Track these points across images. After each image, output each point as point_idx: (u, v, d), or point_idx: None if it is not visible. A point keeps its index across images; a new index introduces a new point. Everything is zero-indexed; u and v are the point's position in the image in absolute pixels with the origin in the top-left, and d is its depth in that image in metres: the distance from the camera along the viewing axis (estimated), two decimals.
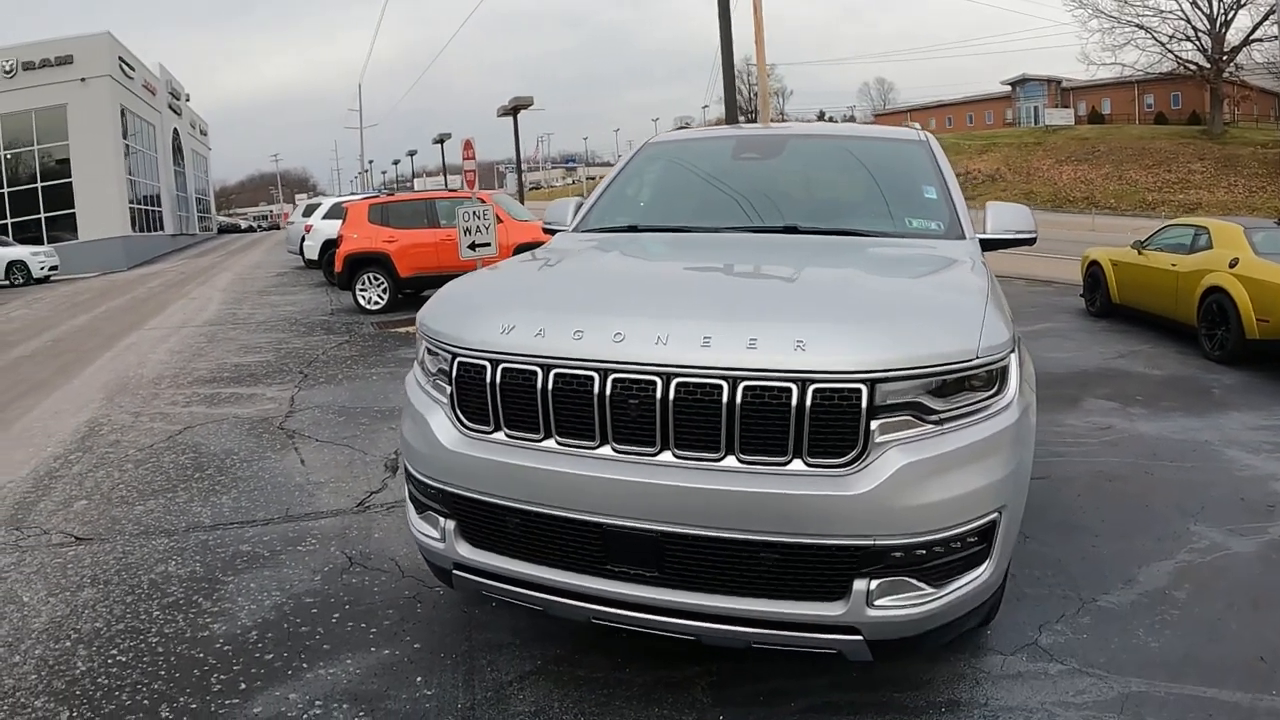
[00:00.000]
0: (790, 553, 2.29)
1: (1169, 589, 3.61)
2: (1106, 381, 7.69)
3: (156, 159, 41.95)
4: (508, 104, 29.20)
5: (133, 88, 37.17)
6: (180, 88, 49.63)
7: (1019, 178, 46.66)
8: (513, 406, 2.51)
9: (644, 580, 2.41)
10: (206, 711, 2.86)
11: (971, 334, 2.41)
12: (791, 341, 2.29)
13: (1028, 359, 3.01)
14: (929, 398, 2.36)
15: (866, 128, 5.37)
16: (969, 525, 2.37)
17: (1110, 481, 4.96)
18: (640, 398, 2.34)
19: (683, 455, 2.34)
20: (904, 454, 2.29)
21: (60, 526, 4.68)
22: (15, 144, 32.45)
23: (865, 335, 2.35)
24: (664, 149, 4.65)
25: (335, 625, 3.38)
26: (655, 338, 2.34)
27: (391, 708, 2.80)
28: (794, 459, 2.29)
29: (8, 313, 16.67)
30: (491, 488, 2.53)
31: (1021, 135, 54.45)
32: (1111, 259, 11.37)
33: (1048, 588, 3.62)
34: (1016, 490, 2.55)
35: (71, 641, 3.39)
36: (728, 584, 2.36)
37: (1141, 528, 4.27)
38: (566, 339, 2.42)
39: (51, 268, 25.41)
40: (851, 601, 2.30)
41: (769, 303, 2.66)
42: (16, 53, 31.90)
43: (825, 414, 2.27)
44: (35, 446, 6.39)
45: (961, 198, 3.85)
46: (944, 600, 2.37)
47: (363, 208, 16.20)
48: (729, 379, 2.28)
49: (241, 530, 4.46)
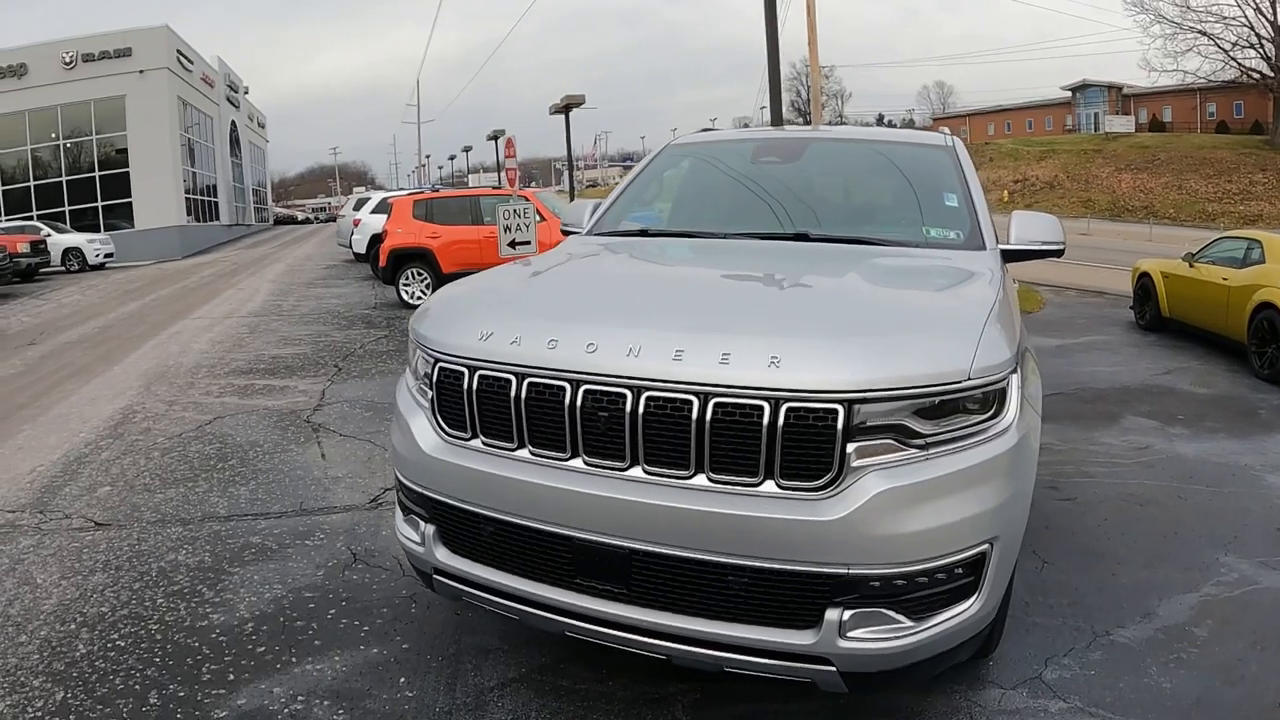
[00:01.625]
0: (759, 578, 2.20)
1: (1189, 625, 3.41)
2: (1149, 398, 7.44)
3: (213, 150, 42.94)
4: (560, 102, 29.34)
5: (190, 80, 38.10)
6: (239, 81, 50.72)
7: (1077, 185, 45.71)
8: (488, 414, 2.48)
9: (612, 597, 2.35)
10: (192, 700, 2.90)
11: (964, 353, 2.27)
12: (766, 357, 2.19)
13: (1034, 376, 2.87)
14: (915, 420, 2.23)
15: (892, 131, 5.25)
16: (955, 557, 2.24)
17: (1141, 506, 4.73)
18: (610, 410, 2.28)
19: (652, 471, 2.27)
20: (883, 479, 2.17)
21: (82, 511, 4.79)
22: (74, 134, 33.51)
23: (845, 352, 2.25)
24: (685, 151, 4.60)
25: (330, 621, 3.41)
26: (628, 349, 2.28)
27: (371, 707, 2.81)
28: (766, 480, 2.20)
29: (60, 299, 17.17)
30: (468, 495, 2.51)
31: (1081, 142, 53.32)
32: (1162, 271, 11.04)
33: (1060, 618, 3.44)
34: (1012, 520, 2.41)
35: (76, 624, 3.47)
36: (695, 606, 2.28)
37: (1167, 557, 4.06)
38: (541, 347, 2.38)
39: (107, 255, 26.12)
40: (823, 632, 2.19)
41: (749, 315, 2.56)
42: (76, 45, 32.93)
43: (798, 435, 2.17)
44: (69, 432, 6.56)
45: (985, 206, 3.70)
46: (924, 635, 2.24)
47: (407, 203, 16.40)
48: (699, 394, 2.20)
49: (254, 522, 4.52)
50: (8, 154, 33.09)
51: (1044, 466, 5.44)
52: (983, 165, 53.60)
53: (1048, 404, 6.94)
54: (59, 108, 32.84)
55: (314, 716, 2.77)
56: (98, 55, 32.92)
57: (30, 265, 20.64)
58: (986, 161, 53.99)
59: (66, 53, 32.68)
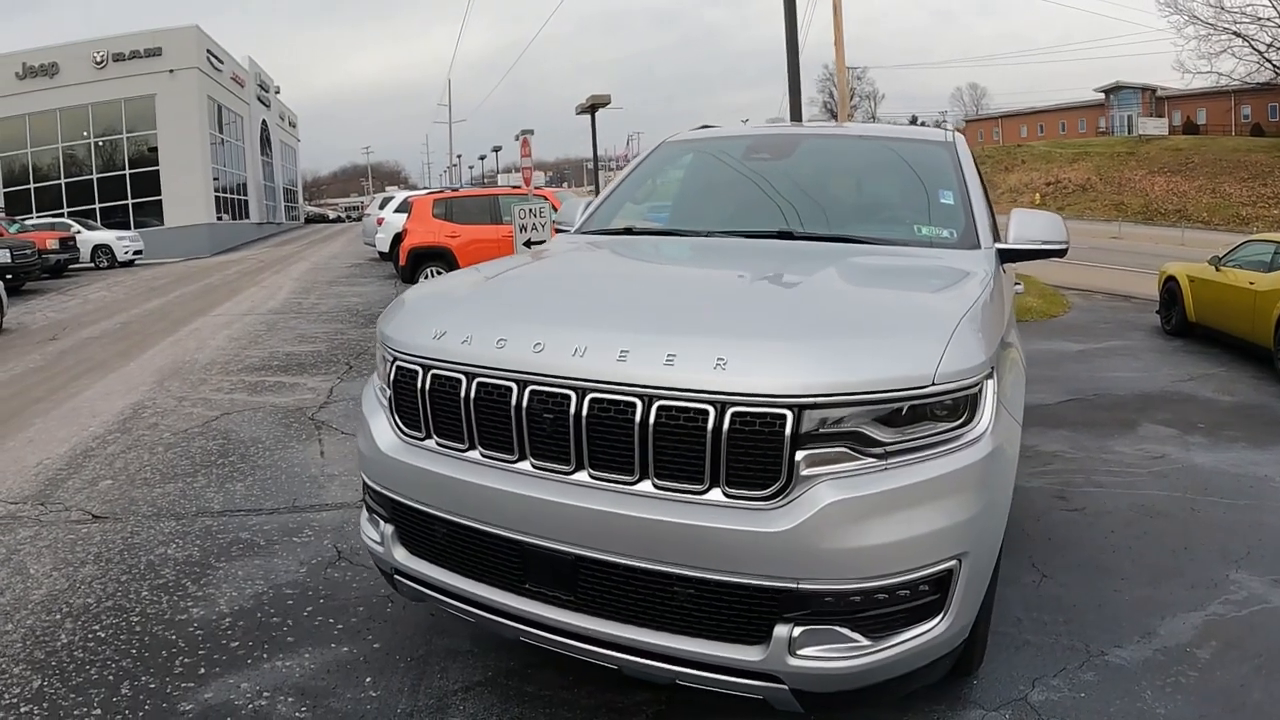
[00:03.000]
0: (706, 590, 2.11)
1: (1191, 646, 3.22)
2: (1169, 406, 7.22)
3: (244, 149, 43.48)
4: (585, 102, 29.34)
5: (220, 79, 38.66)
6: (270, 80, 51.32)
7: (1110, 188, 45.08)
8: (441, 414, 2.45)
9: (560, 603, 2.29)
10: (162, 692, 2.91)
11: (929, 356, 2.14)
12: (712, 358, 2.10)
13: (1012, 374, 2.72)
14: (875, 427, 2.11)
15: (891, 128, 5.11)
16: (917, 574, 2.11)
17: (1150, 518, 4.54)
18: (555, 412, 2.22)
19: (597, 476, 2.20)
20: (834, 490, 2.05)
21: (81, 504, 4.84)
22: (105, 132, 34.25)
23: (796, 355, 2.13)
24: (680, 149, 4.53)
25: (305, 618, 3.41)
26: (574, 349, 2.21)
27: (334, 705, 2.80)
28: (712, 488, 2.11)
29: (87, 294, 17.46)
30: (422, 495, 2.48)
31: (1114, 144, 52.57)
32: (1189, 275, 10.82)
33: (1053, 635, 3.28)
34: (985, 535, 2.28)
35: (61, 615, 3.51)
36: (643, 616, 2.20)
37: (1175, 572, 3.86)
38: (490, 346, 2.33)
39: (136, 252, 26.54)
40: (772, 648, 2.09)
41: (702, 315, 2.46)
42: (107, 44, 33.66)
43: (744, 441, 2.07)
44: (79, 425, 6.65)
45: (984, 204, 3.56)
46: (883, 655, 2.12)
47: (427, 202, 16.50)
48: (643, 397, 2.12)
49: (246, 518, 4.55)
50: (40, 152, 33.84)
51: (1053, 475, 5.37)
52: (1014, 168, 53.05)
53: (1063, 410, 6.90)
54: (90, 106, 33.56)
55: (276, 713, 2.77)
56: (128, 55, 33.59)
57: (60, 262, 21.02)
58: (1019, 164, 53.42)
59: (97, 52, 33.38)
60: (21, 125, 33.36)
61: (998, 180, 52.95)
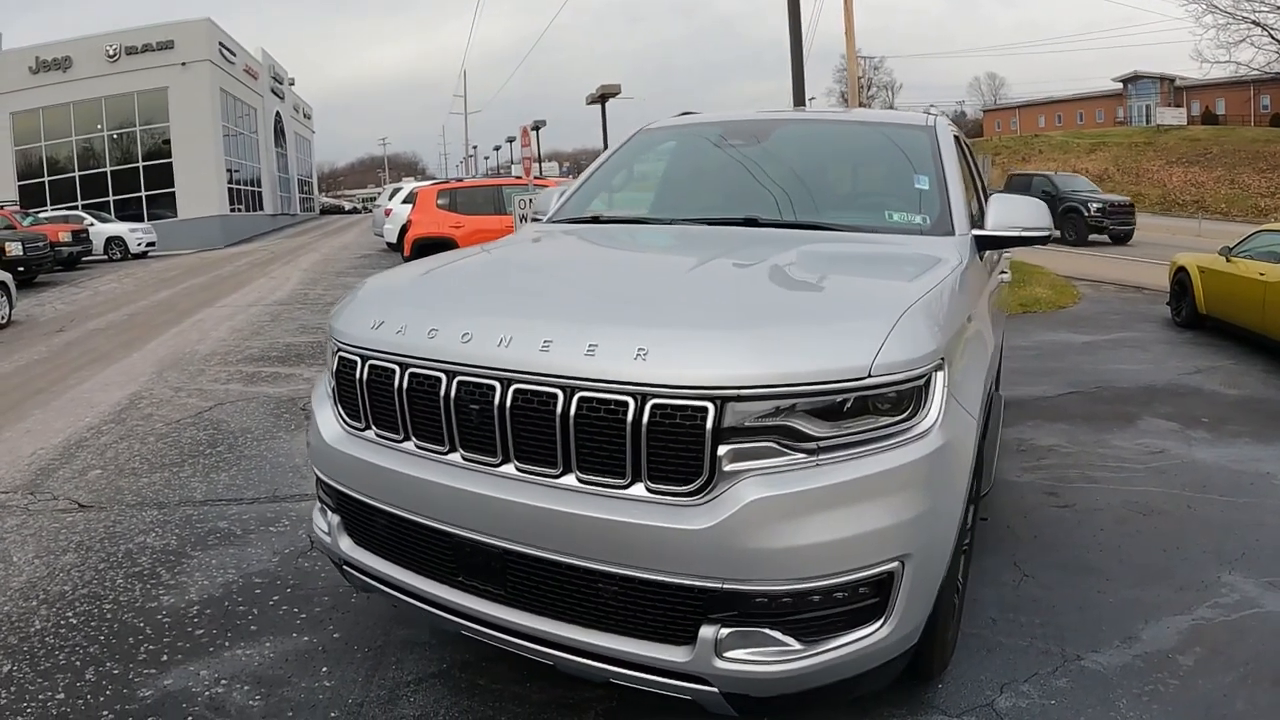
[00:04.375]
0: (630, 587, 2.06)
1: (1174, 651, 3.06)
2: (1173, 399, 7.01)
3: (257, 140, 43.70)
4: (595, 92, 29.30)
5: (233, 72, 38.83)
6: (283, 72, 51.50)
7: (1128, 179, 44.55)
8: (378, 405, 2.44)
9: (492, 597, 2.26)
10: (124, 678, 2.95)
11: (865, 346, 2.04)
12: (633, 349, 2.03)
13: (972, 365, 2.59)
14: (807, 421, 2.02)
15: (871, 112, 4.97)
16: (853, 576, 2.02)
17: (1143, 515, 4.36)
18: (481, 403, 2.18)
19: (523, 469, 2.17)
20: (759, 487, 1.97)
21: (69, 493, 4.90)
22: (119, 125, 34.51)
23: (719, 345, 2.06)
24: (656, 136, 4.48)
25: (271, 608, 3.43)
26: (499, 339, 2.17)
27: (287, 694, 2.82)
28: (634, 483, 2.05)
29: (97, 286, 17.63)
30: (362, 486, 2.47)
31: (1132, 135, 51.96)
32: (1199, 266, 10.64)
33: (1028, 638, 3.12)
34: (932, 536, 2.18)
35: (37, 601, 3.56)
36: (570, 612, 2.16)
37: (1163, 573, 3.69)
38: (422, 337, 2.31)
39: (149, 244, 26.72)
40: (698, 649, 2.02)
41: (631, 304, 2.42)
42: (120, 38, 33.84)
43: (665, 434, 2.01)
44: (75, 416, 6.71)
45: (961, 189, 3.45)
46: (817, 660, 2.04)
47: (431, 193, 16.54)
48: (565, 388, 2.07)
49: (226, 507, 4.58)
50: (54, 145, 34.11)
51: (1046, 470, 5.28)
52: (1032, 158, 52.51)
53: (1063, 403, 6.82)
54: (103, 100, 33.78)
55: (231, 700, 2.79)
56: (140, 48, 33.76)
57: (72, 254, 21.17)
58: (1036, 154, 52.88)
59: (110, 46, 33.58)
60: (35, 119, 33.60)
61: (1015, 170, 52.56)
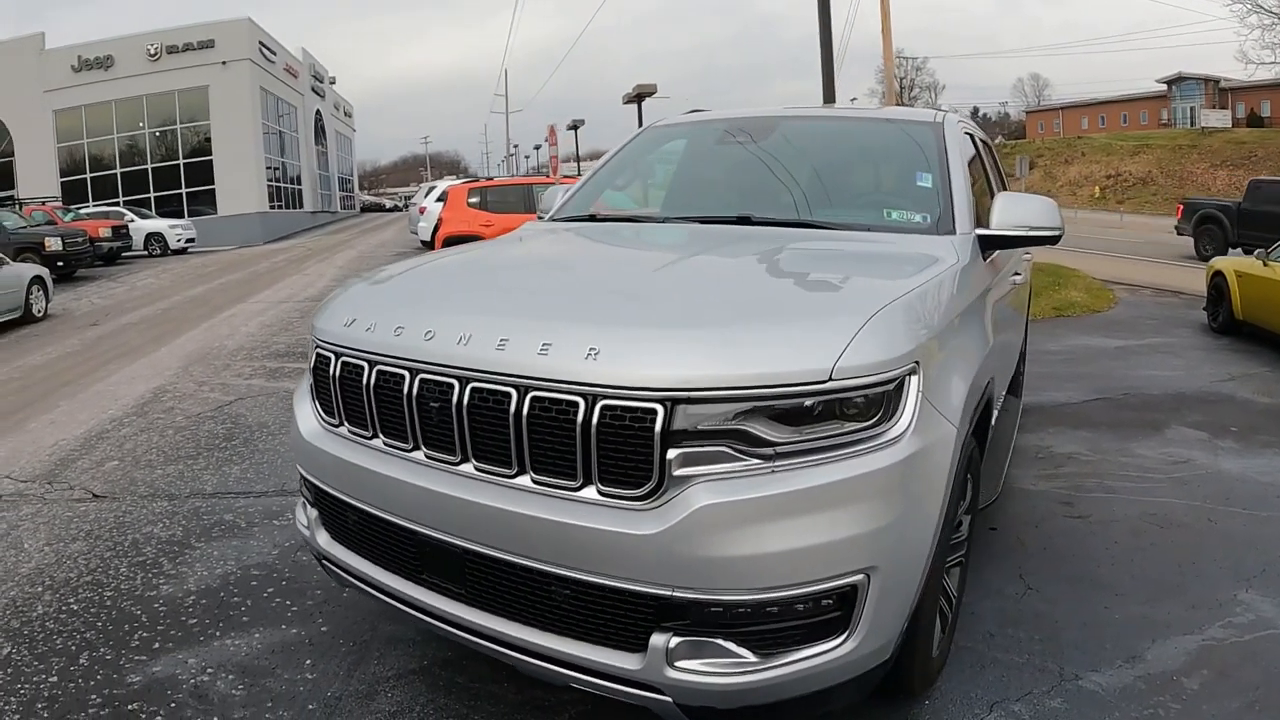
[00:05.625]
0: (582, 591, 2.04)
1: (1180, 673, 2.88)
2: (1203, 407, 6.75)
3: (298, 139, 44.37)
4: (632, 91, 29.37)
5: (273, 71, 39.47)
6: (324, 71, 52.22)
7: (1171, 181, 43.76)
8: (350, 401, 2.47)
9: (454, 596, 2.26)
10: (115, 664, 3.04)
11: (828, 349, 1.97)
12: (585, 348, 2.00)
13: (957, 370, 2.44)
14: (765, 425, 1.95)
15: (877, 109, 4.91)
16: (813, 588, 1.95)
17: (1161, 528, 4.15)
18: (441, 401, 2.18)
19: (481, 468, 2.16)
20: (710, 493, 1.91)
21: (85, 484, 5.02)
22: (160, 123, 35.29)
23: (670, 344, 2.01)
24: (663, 133, 4.47)
25: (264, 600, 3.50)
26: (459, 337, 2.17)
27: (269, 685, 2.87)
28: (586, 485, 2.02)
29: (135, 281, 18.03)
30: (335, 481, 2.51)
31: (1176, 137, 50.87)
32: (1236, 270, 10.35)
33: (1026, 654, 2.98)
34: (903, 548, 2.09)
35: (43, 587, 3.67)
36: (526, 614, 2.15)
37: (1176, 590, 3.50)
38: (389, 334, 2.33)
39: (188, 240, 27.25)
40: (649, 657, 1.98)
41: (591, 302, 2.42)
42: (161, 37, 34.62)
43: (614, 436, 1.97)
44: (99, 408, 6.88)
45: (966, 187, 3.33)
46: (774, 673, 1.97)
47: (462, 191, 16.70)
48: (518, 387, 2.06)
49: (234, 500, 4.67)
50: (96, 142, 34.96)
51: (1063, 479, 5.17)
52: (1074, 160, 51.72)
53: (1087, 410, 6.68)
54: (144, 98, 34.55)
55: (215, 689, 2.85)
56: (181, 47, 34.49)
57: (112, 249, 21.63)
58: (1079, 156, 52.09)
59: (151, 45, 34.36)
60: (78, 116, 34.45)
61: (1057, 173, 51.64)
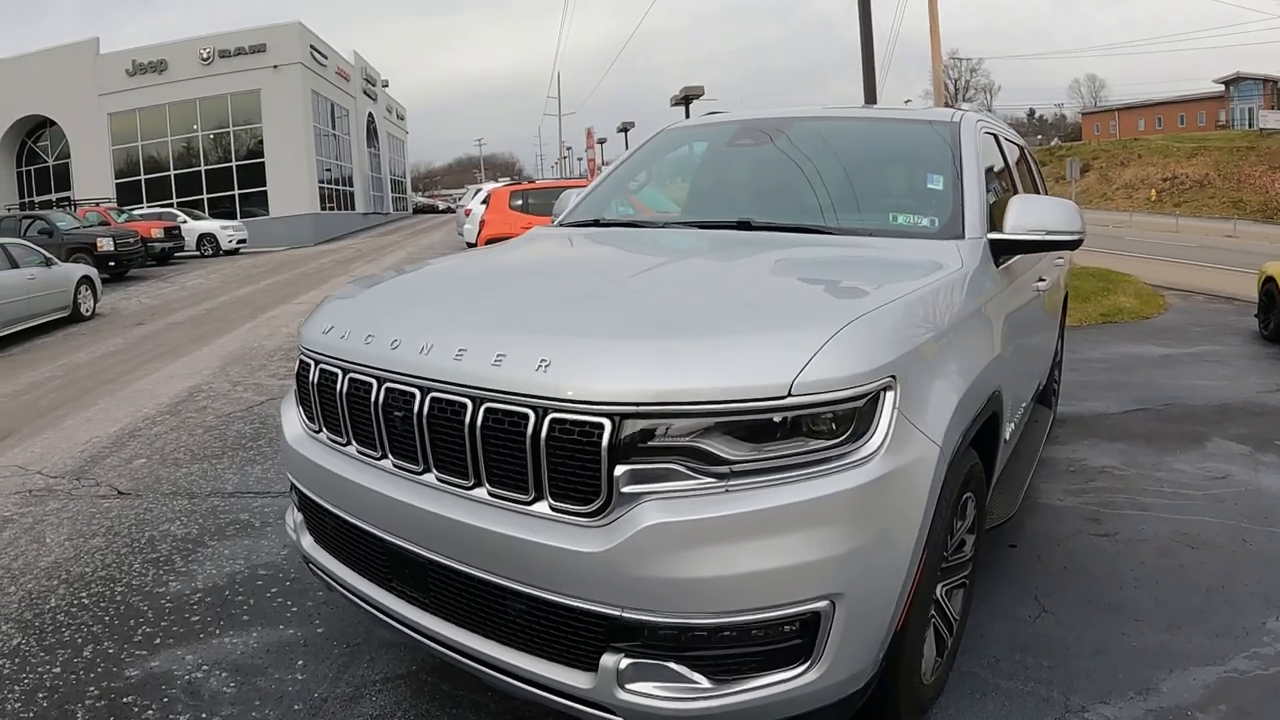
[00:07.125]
0: (534, 606, 2.01)
1: (1194, 708, 2.69)
2: (1247, 419, 6.39)
3: (349, 141, 45.10)
4: (679, 94, 29.47)
5: (324, 74, 40.22)
6: (376, 74, 52.98)
7: (1229, 184, 42.61)
8: (327, 408, 2.49)
9: (419, 604, 2.27)
10: (116, 658, 3.11)
11: (790, 362, 1.87)
12: (536, 359, 1.97)
13: (946, 386, 2.28)
14: (720, 442, 1.87)
15: (893, 109, 4.74)
16: (771, 614, 1.87)
17: (1192, 548, 3.91)
18: (404, 410, 2.18)
19: (441, 479, 2.15)
20: (658, 512, 1.84)
21: (111, 480, 5.15)
22: (213, 126, 36.23)
23: (621, 356, 1.95)
24: (677, 136, 4.43)
25: (267, 599, 3.54)
26: (421, 346, 2.16)
27: (260, 684, 2.90)
28: (539, 500, 1.99)
29: (184, 281, 18.49)
30: (314, 487, 2.54)
31: (1234, 139, 49.51)
32: None
33: (1031, 682, 2.82)
34: (872, 574, 1.98)
35: (59, 581, 3.77)
36: (485, 627, 2.13)
37: (1201, 616, 3.28)
38: (360, 342, 2.34)
39: (240, 241, 27.88)
40: (600, 677, 1.94)
41: (549, 312, 2.37)
42: (213, 41, 35.56)
43: (562, 450, 1.92)
44: (135, 407, 7.06)
45: (980, 189, 3.18)
46: (729, 700, 1.90)
47: (504, 194, 16.85)
48: (473, 397, 2.04)
49: (252, 500, 4.75)
50: (150, 145, 36.04)
51: (1092, 494, 4.97)
52: (1130, 162, 50.61)
53: (1125, 421, 6.45)
54: (197, 101, 35.52)
55: (208, 686, 2.89)
56: (233, 51, 35.37)
57: (165, 249, 22.26)
58: (1135, 158, 50.94)
59: (204, 49, 35.30)
60: (133, 119, 35.52)
61: (1113, 175, 50.58)
